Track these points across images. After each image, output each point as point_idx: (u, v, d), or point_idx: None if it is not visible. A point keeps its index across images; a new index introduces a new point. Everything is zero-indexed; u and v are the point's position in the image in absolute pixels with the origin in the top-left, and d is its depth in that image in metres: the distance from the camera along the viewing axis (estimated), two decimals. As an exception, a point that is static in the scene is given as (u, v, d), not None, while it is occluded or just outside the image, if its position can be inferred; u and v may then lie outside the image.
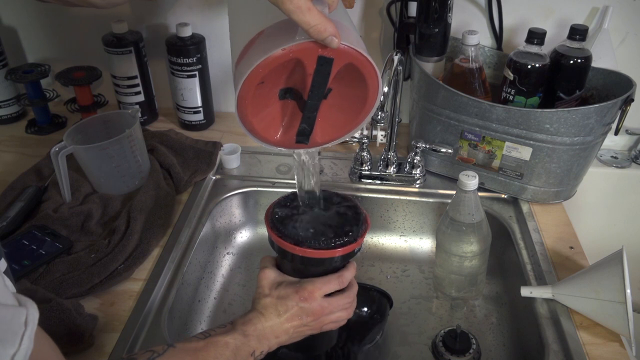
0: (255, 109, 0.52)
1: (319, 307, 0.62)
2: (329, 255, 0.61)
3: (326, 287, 0.63)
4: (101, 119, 0.96)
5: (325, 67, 0.49)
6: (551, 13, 1.03)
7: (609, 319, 0.72)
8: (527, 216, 0.94)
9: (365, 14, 1.09)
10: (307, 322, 0.62)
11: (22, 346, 0.37)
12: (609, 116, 0.85)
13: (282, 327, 0.61)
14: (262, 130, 0.54)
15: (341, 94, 0.55)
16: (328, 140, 0.58)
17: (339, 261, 0.63)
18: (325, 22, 0.46)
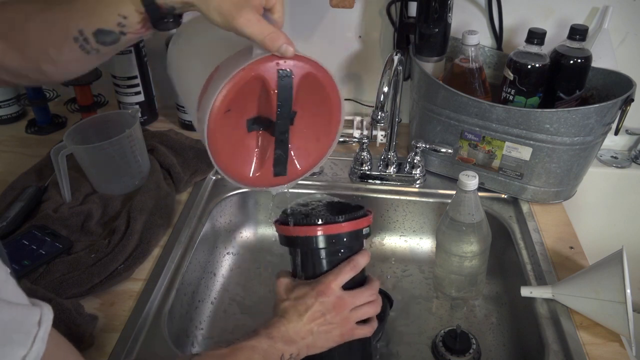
0: (227, 142, 0.53)
1: (339, 299, 0.61)
2: (336, 230, 0.62)
3: (340, 276, 0.62)
4: (101, 119, 0.95)
5: (287, 81, 0.50)
6: (551, 13, 1.03)
7: (609, 319, 0.72)
8: (527, 216, 0.94)
9: (365, 14, 1.09)
10: (330, 319, 0.61)
11: (34, 347, 0.37)
12: (609, 116, 0.85)
13: (306, 328, 0.60)
14: (237, 166, 0.55)
15: (308, 117, 0.56)
16: (304, 167, 0.58)
17: (347, 240, 0.63)
18: (277, 31, 0.48)
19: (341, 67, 1.16)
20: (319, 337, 0.61)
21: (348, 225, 0.62)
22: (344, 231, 0.62)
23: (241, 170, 0.55)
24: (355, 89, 1.19)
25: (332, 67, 1.16)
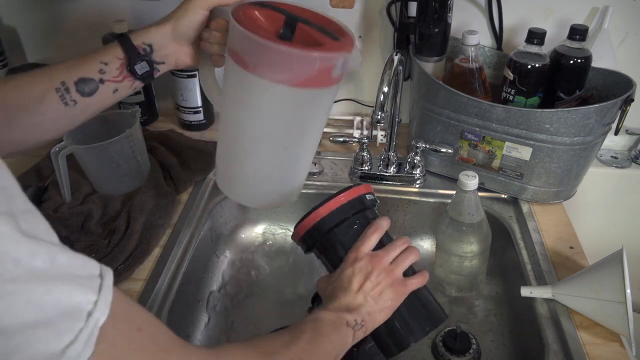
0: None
1: (373, 257, 0.62)
2: (335, 204, 0.64)
3: (367, 241, 0.64)
4: (101, 119, 0.95)
5: None
6: (551, 13, 1.03)
7: (609, 319, 0.72)
8: (527, 216, 0.94)
9: (365, 14, 1.09)
10: (376, 280, 0.61)
11: (102, 294, 0.36)
12: (609, 116, 0.85)
13: (358, 296, 0.60)
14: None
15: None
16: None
17: (354, 210, 0.65)
18: None
19: (341, 67, 1.16)
20: (376, 301, 0.61)
21: (345, 195, 0.63)
22: (345, 201, 0.63)
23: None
24: (355, 89, 1.19)
25: (332, 67, 1.16)
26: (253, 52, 0.59)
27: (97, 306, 0.35)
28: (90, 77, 0.62)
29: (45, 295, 0.33)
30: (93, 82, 0.62)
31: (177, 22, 0.66)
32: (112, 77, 0.64)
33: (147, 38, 0.65)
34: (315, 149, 0.72)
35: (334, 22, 0.65)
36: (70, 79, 0.61)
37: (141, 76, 0.66)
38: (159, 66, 0.68)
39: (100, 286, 0.36)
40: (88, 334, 0.35)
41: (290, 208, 1.04)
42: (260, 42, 0.57)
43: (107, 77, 0.63)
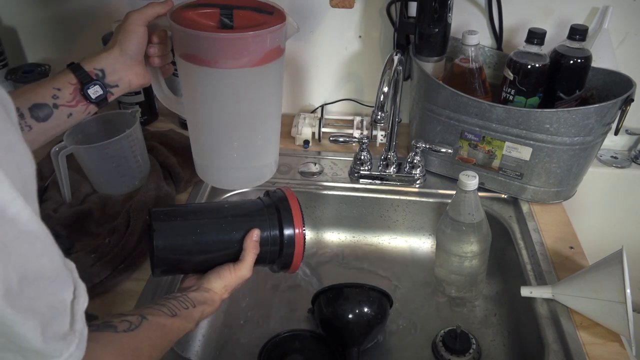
0: None
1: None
2: None
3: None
4: (101, 119, 0.96)
5: None
6: (551, 13, 1.03)
7: (609, 319, 0.72)
8: (527, 216, 0.94)
9: (365, 14, 1.09)
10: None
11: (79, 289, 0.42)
12: (609, 116, 0.85)
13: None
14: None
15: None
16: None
17: None
18: None
19: (341, 67, 1.16)
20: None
21: None
22: None
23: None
24: (355, 89, 1.19)
25: (332, 67, 1.17)
26: (210, 48, 0.64)
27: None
28: (44, 103, 0.64)
29: None
30: (47, 107, 0.64)
31: (122, 45, 0.69)
32: (66, 102, 0.66)
33: (98, 64, 0.68)
34: (280, 118, 0.79)
35: (259, 0, 0.72)
36: (24, 105, 0.63)
37: (95, 100, 0.68)
38: (112, 89, 0.70)
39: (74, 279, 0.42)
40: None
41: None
42: (216, 37, 0.63)
43: (60, 102, 0.66)
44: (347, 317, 0.80)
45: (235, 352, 0.85)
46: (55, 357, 0.39)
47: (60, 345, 0.39)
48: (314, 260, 1.01)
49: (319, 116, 1.14)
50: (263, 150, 0.79)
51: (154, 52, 0.71)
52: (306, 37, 1.12)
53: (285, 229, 0.67)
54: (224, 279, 0.65)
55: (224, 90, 0.69)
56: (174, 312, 0.59)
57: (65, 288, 0.41)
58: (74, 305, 0.41)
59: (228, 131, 0.74)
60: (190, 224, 0.65)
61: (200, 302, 0.63)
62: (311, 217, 1.05)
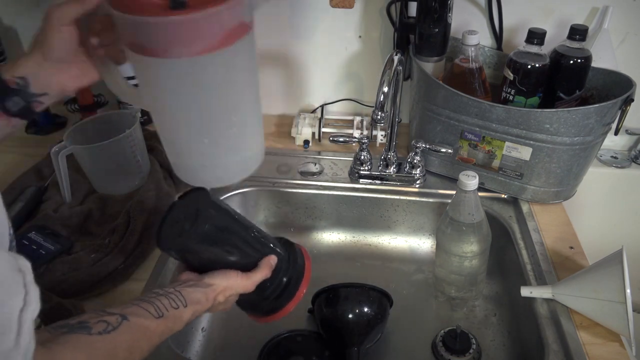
0: None
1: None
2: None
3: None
4: (101, 119, 0.96)
5: None
6: (551, 13, 1.03)
7: (609, 319, 0.72)
8: (527, 216, 0.94)
9: (365, 14, 1.09)
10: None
11: (31, 291, 0.37)
12: (609, 116, 0.85)
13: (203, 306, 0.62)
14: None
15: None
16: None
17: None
18: None
19: (341, 67, 1.16)
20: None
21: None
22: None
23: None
24: (355, 89, 1.19)
25: (332, 67, 1.17)
26: (154, 35, 0.53)
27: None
28: None
29: None
30: None
31: (43, 48, 0.58)
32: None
33: (18, 71, 0.58)
34: (259, 104, 0.69)
35: None
36: None
37: (17, 112, 0.58)
38: (40, 98, 0.60)
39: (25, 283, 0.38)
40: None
41: (295, 205, 1.04)
42: (154, 22, 0.51)
43: None
44: (347, 317, 0.80)
45: (235, 352, 0.85)
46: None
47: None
48: (314, 260, 1.01)
49: (319, 116, 1.14)
50: (241, 142, 0.70)
51: (98, 43, 0.59)
52: (306, 37, 1.12)
53: (292, 284, 0.70)
54: (229, 280, 0.63)
55: (182, 83, 0.58)
56: (160, 313, 0.55)
57: (12, 295, 0.36)
58: (22, 314, 0.36)
59: (195, 128, 0.64)
60: (231, 221, 0.66)
61: (194, 301, 0.59)
62: (311, 217, 1.05)
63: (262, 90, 0.75)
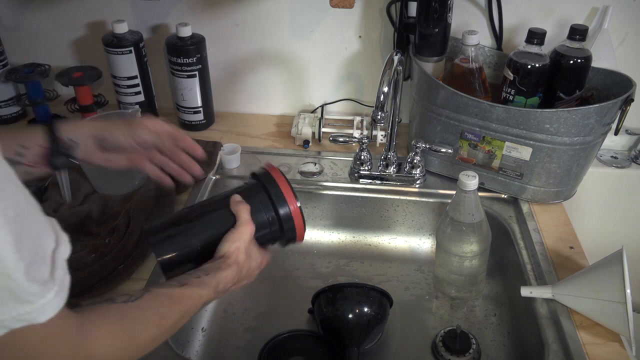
0: None
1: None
2: None
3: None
4: (101, 119, 0.95)
5: None
6: (551, 13, 1.03)
7: (609, 319, 0.72)
8: (527, 216, 0.94)
9: (365, 14, 1.09)
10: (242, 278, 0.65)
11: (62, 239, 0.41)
12: (609, 116, 0.85)
13: (235, 286, 0.64)
14: None
15: None
16: None
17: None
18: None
19: (341, 67, 1.16)
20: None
21: None
22: None
23: None
24: (355, 89, 1.19)
25: (332, 67, 1.17)
26: None
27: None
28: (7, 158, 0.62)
29: None
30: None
31: (108, 140, 0.68)
32: (28, 162, 0.63)
33: (74, 135, 0.66)
34: None
35: None
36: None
37: (58, 167, 0.66)
38: (79, 162, 0.69)
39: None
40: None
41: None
42: None
43: (23, 160, 0.63)
44: (347, 317, 0.80)
45: (235, 352, 0.85)
46: (30, 302, 0.37)
47: (38, 290, 0.37)
48: (314, 260, 1.01)
49: (319, 116, 1.14)
50: None
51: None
52: (306, 37, 1.12)
53: (280, 208, 0.66)
54: (231, 240, 0.63)
55: None
56: (182, 283, 0.57)
57: (46, 234, 0.40)
58: (55, 254, 0.40)
59: None
60: (183, 230, 0.65)
61: (214, 268, 0.60)
62: (311, 217, 1.05)
63: (262, 90, 0.75)
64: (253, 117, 1.22)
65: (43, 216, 0.40)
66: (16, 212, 0.36)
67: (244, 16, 1.11)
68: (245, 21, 1.12)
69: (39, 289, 0.37)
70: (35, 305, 0.37)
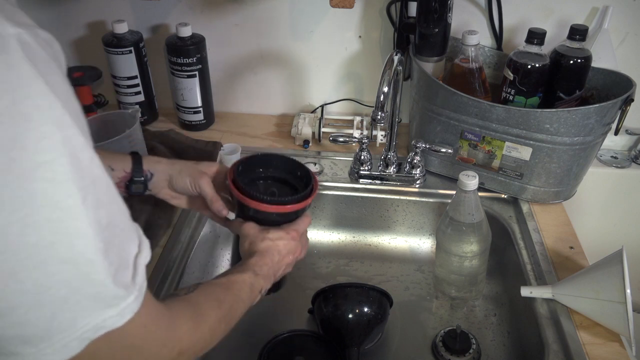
0: None
1: (299, 243, 0.70)
2: (298, 207, 0.69)
3: (303, 226, 0.71)
4: (101, 119, 0.95)
5: None
6: (551, 13, 1.03)
7: (609, 319, 0.72)
8: (527, 216, 0.94)
9: (365, 14, 1.09)
10: (293, 260, 0.70)
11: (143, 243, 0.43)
12: (609, 116, 0.85)
13: (279, 265, 0.67)
14: None
15: None
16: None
17: (301, 213, 0.72)
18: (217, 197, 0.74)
19: (341, 67, 1.16)
20: (281, 275, 0.70)
21: (298, 205, 0.69)
22: (294, 210, 0.70)
23: None
24: (355, 89, 1.19)
25: (332, 67, 1.17)
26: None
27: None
28: None
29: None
30: None
31: (177, 185, 0.72)
32: None
33: (154, 168, 0.72)
34: None
35: None
36: None
37: (131, 193, 0.71)
38: (151, 193, 0.74)
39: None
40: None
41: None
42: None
43: None
44: (347, 317, 0.80)
45: (235, 352, 0.85)
46: (114, 305, 0.38)
47: (123, 293, 0.39)
48: (314, 260, 1.01)
49: (319, 116, 1.14)
50: None
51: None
52: (306, 37, 1.12)
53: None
54: (244, 238, 0.68)
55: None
56: (224, 274, 0.61)
57: (131, 240, 0.41)
58: (137, 259, 0.41)
59: None
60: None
61: (248, 257, 0.65)
62: (311, 217, 1.04)
63: (262, 91, 0.76)
64: (253, 117, 1.22)
65: (130, 223, 0.42)
66: (108, 221, 0.38)
67: (244, 16, 1.11)
68: (245, 21, 1.12)
69: (123, 292, 0.39)
70: (117, 308, 0.39)
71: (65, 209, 0.34)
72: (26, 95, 0.32)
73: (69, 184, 0.34)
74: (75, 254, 0.35)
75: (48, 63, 0.34)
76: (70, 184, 0.34)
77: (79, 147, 0.35)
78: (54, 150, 0.33)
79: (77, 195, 0.35)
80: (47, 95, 0.33)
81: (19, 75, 0.32)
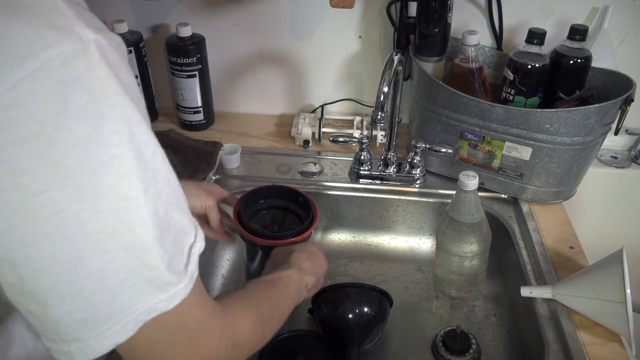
0: None
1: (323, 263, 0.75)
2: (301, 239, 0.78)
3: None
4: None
5: None
6: (551, 13, 1.03)
7: (609, 319, 0.72)
8: (527, 216, 0.94)
9: (365, 14, 1.09)
10: (326, 268, 0.75)
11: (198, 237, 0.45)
12: (609, 116, 0.85)
13: (318, 265, 0.72)
14: None
15: None
16: None
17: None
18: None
19: (341, 67, 1.16)
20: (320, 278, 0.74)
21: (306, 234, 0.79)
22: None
23: None
24: (355, 89, 1.19)
25: (332, 67, 1.17)
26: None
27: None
28: None
29: None
30: None
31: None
32: None
33: None
34: None
35: None
36: None
37: None
38: None
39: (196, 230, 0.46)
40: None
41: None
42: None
43: None
44: (347, 317, 0.80)
45: (235, 352, 0.84)
46: (166, 290, 0.40)
47: (175, 280, 0.41)
48: (314, 260, 1.01)
49: (319, 116, 1.14)
50: None
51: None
52: (306, 37, 1.12)
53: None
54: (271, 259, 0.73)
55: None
56: (268, 274, 0.65)
57: (187, 230, 0.43)
58: (192, 248, 0.43)
59: None
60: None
61: (288, 256, 0.69)
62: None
63: (262, 90, 0.76)
64: (253, 117, 1.22)
65: (188, 213, 0.44)
66: (165, 211, 0.40)
67: (244, 16, 1.11)
68: (245, 21, 1.12)
69: (175, 278, 0.41)
70: (168, 293, 0.40)
71: (128, 200, 0.37)
72: (102, 95, 0.36)
73: (133, 177, 0.37)
74: (134, 241, 0.38)
75: (120, 64, 0.38)
76: (135, 177, 0.37)
77: (144, 142, 0.38)
78: (122, 145, 0.36)
79: (140, 187, 0.37)
80: (120, 95, 0.37)
81: (96, 76, 0.35)
